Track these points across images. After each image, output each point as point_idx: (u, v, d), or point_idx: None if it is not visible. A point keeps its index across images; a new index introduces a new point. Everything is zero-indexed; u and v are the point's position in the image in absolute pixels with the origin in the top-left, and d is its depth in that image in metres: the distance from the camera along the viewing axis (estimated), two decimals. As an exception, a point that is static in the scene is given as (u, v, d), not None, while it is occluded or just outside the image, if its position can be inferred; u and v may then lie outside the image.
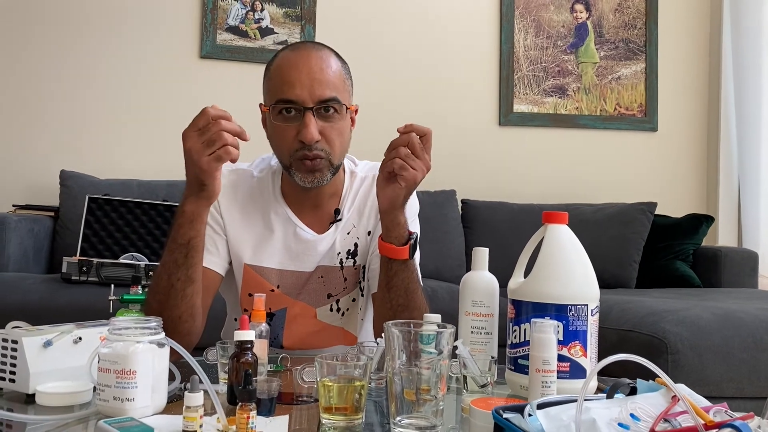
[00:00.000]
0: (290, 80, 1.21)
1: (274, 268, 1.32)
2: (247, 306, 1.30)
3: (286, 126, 1.23)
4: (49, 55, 3.05)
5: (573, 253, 1.04)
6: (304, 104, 1.21)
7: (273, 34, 3.24)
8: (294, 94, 1.21)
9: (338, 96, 1.23)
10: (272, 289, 1.32)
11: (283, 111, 1.23)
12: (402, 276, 1.23)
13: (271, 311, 1.32)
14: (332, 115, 1.23)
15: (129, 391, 0.82)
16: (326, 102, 1.22)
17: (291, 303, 1.33)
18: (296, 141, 1.23)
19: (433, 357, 0.82)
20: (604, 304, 1.26)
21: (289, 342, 1.34)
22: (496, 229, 3.02)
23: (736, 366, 1.85)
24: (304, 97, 1.21)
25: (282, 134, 1.24)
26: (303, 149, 1.22)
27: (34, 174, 3.01)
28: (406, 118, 1.31)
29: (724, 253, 2.97)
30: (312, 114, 1.21)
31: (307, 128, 1.20)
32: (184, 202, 1.14)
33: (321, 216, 1.35)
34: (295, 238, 1.33)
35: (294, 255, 1.33)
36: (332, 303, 1.35)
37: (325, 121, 1.23)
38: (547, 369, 0.90)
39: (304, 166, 1.24)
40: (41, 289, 2.20)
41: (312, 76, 1.21)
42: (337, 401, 0.85)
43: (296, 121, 1.22)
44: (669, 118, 3.58)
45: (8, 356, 0.93)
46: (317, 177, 1.25)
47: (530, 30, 3.52)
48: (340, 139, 1.26)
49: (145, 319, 0.88)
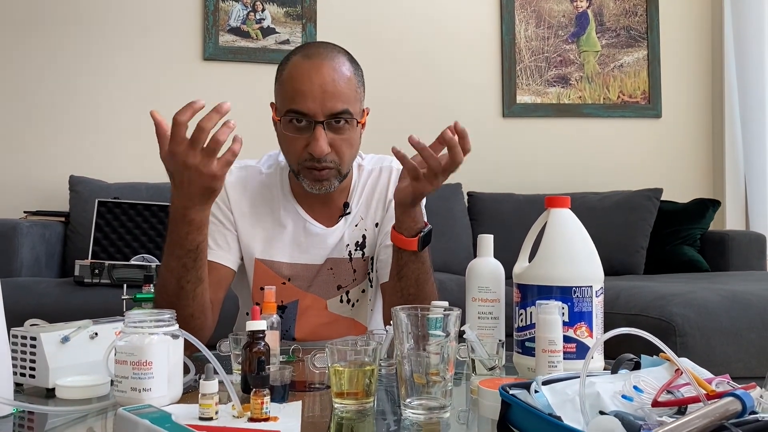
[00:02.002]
0: (302, 91, 1.21)
1: (285, 261, 1.34)
2: (259, 300, 1.32)
3: (296, 136, 1.24)
4: (52, 62, 3.09)
5: (576, 235, 1.06)
6: (315, 117, 1.21)
7: (275, 33, 3.27)
8: (306, 106, 1.21)
9: (350, 108, 1.23)
10: (283, 282, 1.34)
11: (294, 120, 1.23)
12: (412, 267, 1.24)
13: (283, 304, 1.35)
14: (343, 127, 1.24)
15: (145, 381, 0.84)
16: (337, 115, 1.22)
17: (302, 295, 1.36)
18: (305, 152, 1.23)
19: (441, 339, 0.84)
20: (612, 290, 1.28)
21: (301, 334, 1.36)
22: (502, 220, 3.03)
23: (745, 347, 1.86)
24: (315, 110, 1.21)
25: (292, 143, 1.25)
26: (312, 160, 1.23)
27: (43, 180, 3.05)
28: (409, 113, 1.33)
29: (731, 236, 2.98)
30: (323, 127, 1.21)
31: (316, 142, 1.21)
32: (188, 213, 1.10)
33: (330, 210, 1.37)
34: (305, 232, 1.35)
35: (304, 248, 1.35)
36: (342, 294, 1.37)
37: (335, 133, 1.23)
38: (553, 349, 0.92)
39: (312, 176, 1.25)
40: (55, 292, 2.23)
41: (324, 88, 1.20)
42: (348, 386, 0.87)
43: (306, 132, 1.23)
44: (673, 104, 3.58)
45: (28, 352, 0.95)
46: (325, 186, 1.27)
47: (531, 20, 3.53)
48: (350, 150, 1.27)
49: (159, 311, 0.90)
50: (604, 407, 0.70)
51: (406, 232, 1.22)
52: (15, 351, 0.96)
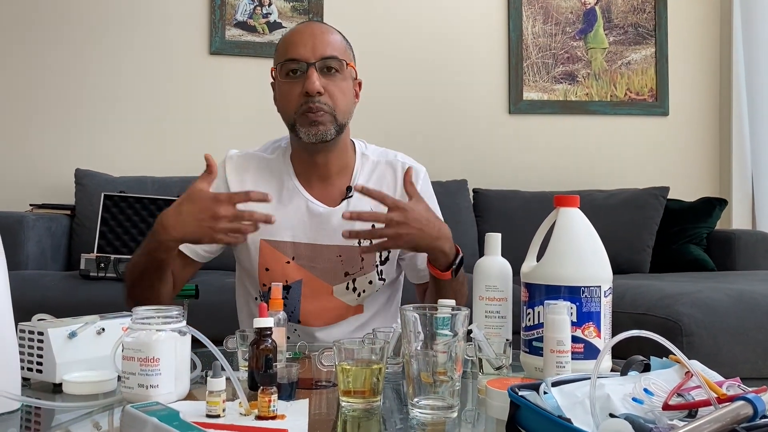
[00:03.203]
0: (294, 42, 1.31)
1: (288, 241, 1.36)
2: (265, 281, 1.37)
3: (292, 84, 1.30)
4: (59, 56, 3.08)
5: (585, 235, 1.05)
6: (307, 60, 1.29)
7: (281, 28, 3.26)
8: (298, 53, 1.29)
9: (339, 56, 1.31)
10: (287, 261, 1.36)
11: (290, 73, 1.31)
12: (449, 287, 1.32)
13: (287, 283, 1.36)
14: (334, 75, 1.31)
15: (153, 378, 0.85)
16: (328, 59, 1.29)
17: (307, 276, 1.37)
18: (301, 96, 1.29)
19: (449, 339, 0.84)
20: (618, 289, 1.27)
21: (306, 317, 1.37)
22: (508, 217, 3.01)
23: (752, 346, 1.85)
24: (307, 54, 1.29)
25: (288, 92, 1.31)
26: (307, 102, 1.28)
27: (49, 173, 3.05)
28: (415, 108, 1.35)
29: (738, 236, 2.96)
30: (315, 69, 1.28)
31: (309, 80, 1.27)
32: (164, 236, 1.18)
33: (332, 191, 1.39)
34: (308, 211, 1.37)
35: (307, 228, 1.37)
36: (348, 282, 1.38)
37: (328, 78, 1.30)
38: (561, 349, 0.91)
39: (308, 119, 1.29)
40: (61, 286, 2.23)
41: (315, 37, 1.31)
42: (356, 384, 0.87)
43: (301, 78, 1.29)
44: (680, 102, 3.56)
45: (35, 347, 0.95)
46: (321, 130, 1.30)
47: (538, 17, 3.51)
48: (343, 97, 1.32)
49: (166, 308, 0.90)
50: (614, 410, 0.69)
51: (439, 267, 1.29)
52: (22, 346, 0.96)
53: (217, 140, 3.14)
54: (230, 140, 3.12)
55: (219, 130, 3.16)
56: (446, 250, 1.27)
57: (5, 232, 2.46)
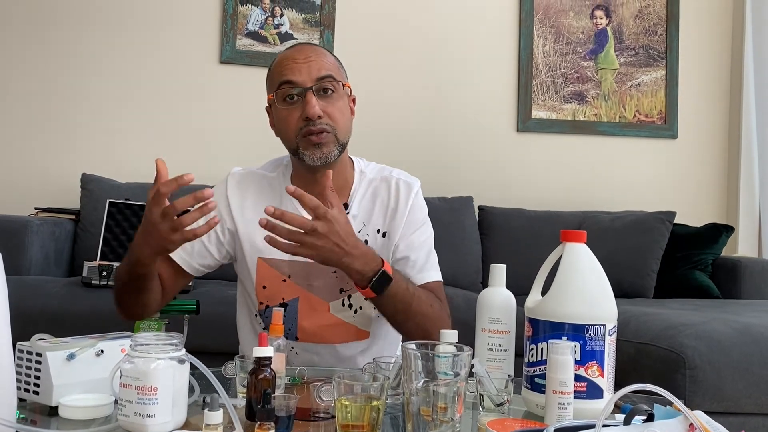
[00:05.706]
0: (289, 66, 1.32)
1: (285, 259, 1.35)
2: (262, 299, 1.37)
3: (291, 109, 1.31)
4: (69, 60, 3.09)
5: (591, 272, 1.04)
6: (304, 85, 1.30)
7: (292, 39, 3.26)
8: (293, 76, 1.30)
9: (334, 75, 1.33)
10: (284, 279, 1.36)
11: (287, 98, 1.31)
12: (385, 307, 1.28)
13: (284, 301, 1.36)
14: (331, 96, 1.32)
15: (150, 407, 0.84)
16: (323, 79, 1.31)
17: (303, 294, 1.37)
18: (301, 120, 1.30)
19: (450, 379, 0.83)
20: (622, 316, 1.26)
21: (303, 334, 1.37)
22: (513, 236, 3.00)
23: (755, 382, 1.83)
24: (303, 78, 1.30)
25: (287, 117, 1.32)
26: (308, 125, 1.29)
27: (55, 177, 3.06)
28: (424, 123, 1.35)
29: (743, 263, 2.93)
30: (312, 93, 1.30)
31: (309, 104, 1.28)
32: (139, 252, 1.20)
33: None
34: None
35: None
36: (344, 298, 1.38)
37: (325, 100, 1.31)
38: (563, 390, 0.90)
39: (311, 142, 1.30)
40: (62, 294, 2.22)
41: (308, 60, 1.32)
42: (355, 420, 0.86)
43: (299, 103, 1.31)
44: (689, 126, 3.54)
45: (32, 369, 0.94)
46: (324, 152, 1.30)
47: (549, 36, 3.50)
48: (342, 117, 1.34)
49: (166, 335, 0.89)
50: (617, 463, 0.68)
51: (358, 284, 1.23)
52: (20, 366, 0.95)
53: (225, 149, 3.14)
54: (238, 149, 3.13)
55: (227, 139, 3.16)
56: (357, 267, 1.20)
57: (10, 235, 2.47)
